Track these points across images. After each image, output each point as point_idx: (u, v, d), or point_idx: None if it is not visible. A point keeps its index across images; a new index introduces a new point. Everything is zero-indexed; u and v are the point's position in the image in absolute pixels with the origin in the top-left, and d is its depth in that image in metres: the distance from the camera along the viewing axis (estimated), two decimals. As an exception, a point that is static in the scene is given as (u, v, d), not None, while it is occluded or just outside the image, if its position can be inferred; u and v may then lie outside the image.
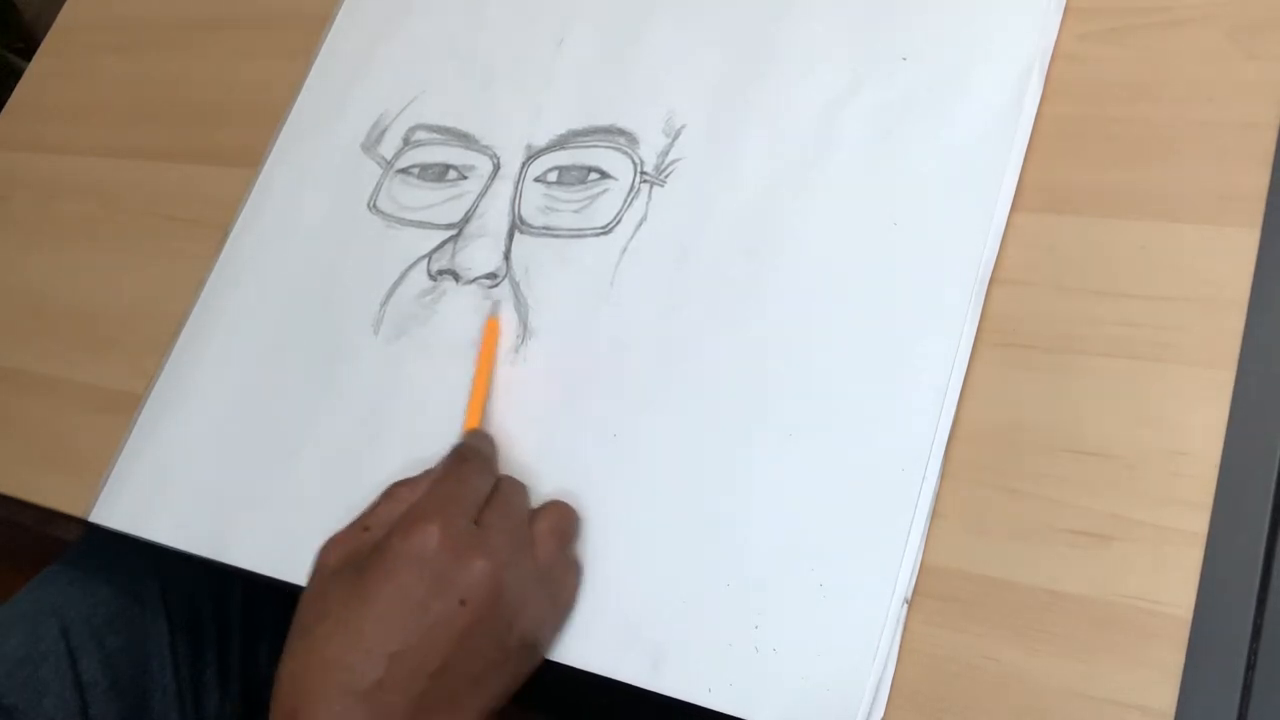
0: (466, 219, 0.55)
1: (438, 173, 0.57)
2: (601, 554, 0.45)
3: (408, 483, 0.44)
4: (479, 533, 0.41)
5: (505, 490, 0.44)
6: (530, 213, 0.53)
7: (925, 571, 0.40)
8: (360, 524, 0.43)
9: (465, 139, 0.57)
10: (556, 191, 0.53)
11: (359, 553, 0.42)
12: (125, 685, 0.58)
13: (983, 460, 0.41)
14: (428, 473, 0.45)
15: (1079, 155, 0.45)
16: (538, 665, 0.43)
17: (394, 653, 0.39)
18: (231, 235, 0.61)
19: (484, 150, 0.56)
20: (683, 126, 0.52)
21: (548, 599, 0.43)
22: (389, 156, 0.59)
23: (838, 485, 0.42)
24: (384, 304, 0.54)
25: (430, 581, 0.40)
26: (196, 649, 0.62)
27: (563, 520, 0.45)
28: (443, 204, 0.56)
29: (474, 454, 0.45)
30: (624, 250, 0.50)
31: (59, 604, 0.59)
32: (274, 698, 0.40)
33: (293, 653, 0.41)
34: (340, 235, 0.57)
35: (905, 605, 0.40)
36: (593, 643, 0.43)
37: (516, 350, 0.51)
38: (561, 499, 0.46)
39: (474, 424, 0.49)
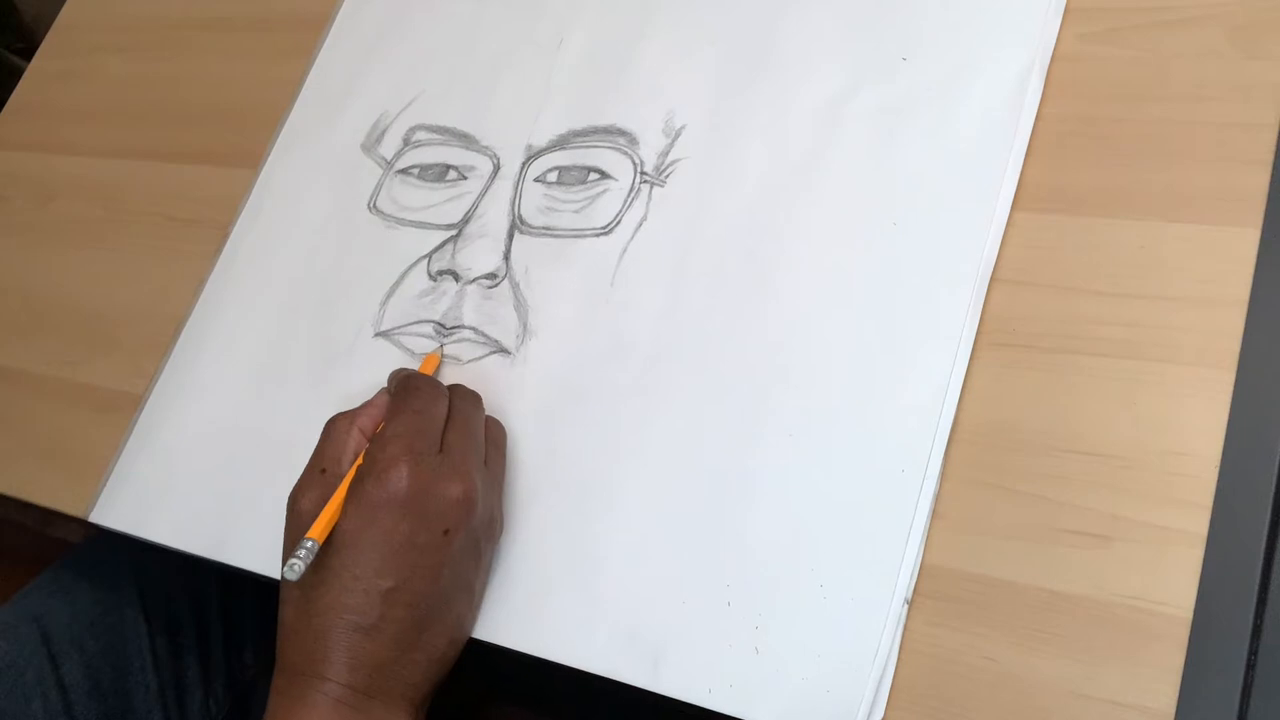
0: (466, 219, 0.55)
1: (438, 173, 0.57)
2: (602, 554, 0.45)
3: (344, 416, 0.46)
4: (446, 459, 0.43)
5: (461, 408, 0.46)
6: (530, 213, 0.53)
7: (925, 571, 0.40)
8: (315, 467, 0.45)
9: (465, 139, 0.57)
10: (556, 192, 0.53)
11: (327, 494, 0.43)
12: (107, 687, 0.60)
13: (983, 460, 0.41)
14: (368, 404, 0.47)
15: (1079, 155, 0.45)
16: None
17: (388, 589, 0.42)
18: (231, 235, 0.61)
19: (484, 150, 0.56)
20: (683, 127, 0.52)
21: (497, 501, 0.46)
22: (389, 157, 0.59)
23: (838, 485, 0.42)
24: (384, 304, 0.54)
25: (412, 520, 0.42)
26: (176, 649, 0.63)
27: (500, 434, 0.48)
28: (443, 204, 0.56)
29: (421, 382, 0.47)
30: (624, 250, 0.50)
31: (39, 613, 0.60)
32: (281, 645, 0.43)
33: (289, 601, 0.43)
34: (340, 235, 0.57)
35: (905, 605, 0.40)
36: (593, 643, 0.43)
37: (516, 350, 0.51)
38: (497, 419, 0.49)
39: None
